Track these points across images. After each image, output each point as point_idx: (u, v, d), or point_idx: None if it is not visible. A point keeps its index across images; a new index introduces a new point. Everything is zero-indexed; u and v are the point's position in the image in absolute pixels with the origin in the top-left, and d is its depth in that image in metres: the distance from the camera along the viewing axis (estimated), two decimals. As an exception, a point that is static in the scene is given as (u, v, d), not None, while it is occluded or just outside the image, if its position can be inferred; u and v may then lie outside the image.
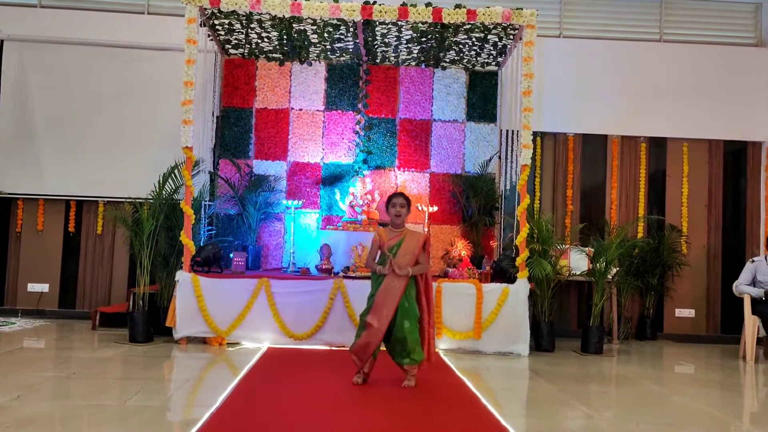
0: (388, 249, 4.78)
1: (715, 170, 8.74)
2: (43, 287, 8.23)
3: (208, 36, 7.41)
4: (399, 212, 4.86)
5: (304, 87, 8.32)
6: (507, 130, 7.99)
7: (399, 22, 6.88)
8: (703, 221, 8.69)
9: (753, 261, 7.27)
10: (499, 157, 8.23)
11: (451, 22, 6.60)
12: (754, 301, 6.97)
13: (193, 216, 6.53)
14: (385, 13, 6.53)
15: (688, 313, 8.60)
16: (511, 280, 6.64)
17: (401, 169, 8.30)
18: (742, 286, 7.14)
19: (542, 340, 6.85)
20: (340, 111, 8.30)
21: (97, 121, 8.18)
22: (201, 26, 6.92)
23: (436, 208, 7.84)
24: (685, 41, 8.81)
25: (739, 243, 8.70)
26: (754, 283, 7.13)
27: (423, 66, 8.36)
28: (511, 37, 7.26)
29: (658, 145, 8.75)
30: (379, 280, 4.80)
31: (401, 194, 4.98)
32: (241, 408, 4.08)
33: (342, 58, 8.23)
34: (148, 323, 6.43)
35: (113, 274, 8.31)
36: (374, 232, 4.95)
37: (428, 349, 4.81)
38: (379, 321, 4.64)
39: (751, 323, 6.91)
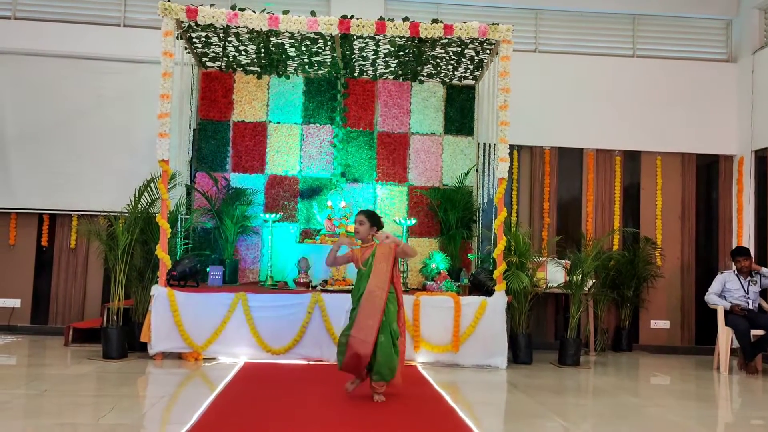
0: (363, 262, 4.87)
1: (688, 183, 8.88)
2: (15, 302, 8.07)
3: (185, 49, 7.37)
4: (356, 228, 5.03)
5: (282, 100, 8.30)
6: (484, 144, 8.05)
7: (377, 37, 6.91)
8: (677, 234, 8.81)
9: (722, 272, 7.49)
10: (477, 171, 8.28)
11: (429, 36, 6.65)
12: (727, 313, 7.08)
13: (169, 230, 6.47)
14: (363, 27, 6.56)
15: (663, 324, 8.69)
16: (489, 292, 6.66)
17: (379, 182, 8.31)
18: (712, 296, 7.27)
19: (520, 352, 6.87)
20: (317, 124, 8.30)
21: (71, 134, 8.08)
22: (178, 39, 6.89)
23: (414, 221, 7.85)
24: (657, 57, 8.96)
25: (712, 255, 8.83)
26: (723, 293, 7.27)
27: (401, 80, 8.40)
28: (488, 51, 7.33)
29: (632, 159, 8.87)
30: (357, 293, 4.80)
31: (362, 211, 5.12)
32: (218, 425, 4.03)
33: (320, 72, 8.24)
34: (123, 339, 6.34)
35: (87, 289, 8.17)
36: (352, 247, 5.01)
37: (400, 368, 4.79)
38: (364, 332, 4.59)
39: (724, 335, 7.01)
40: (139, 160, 7.67)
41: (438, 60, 7.72)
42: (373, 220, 5.02)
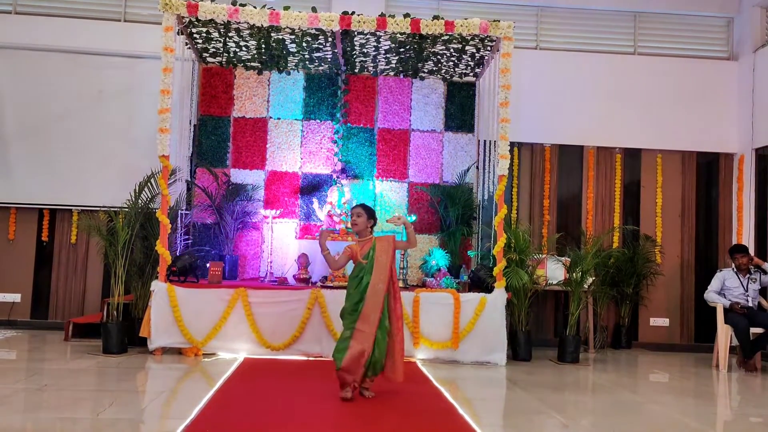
0: (363, 256, 4.79)
1: (689, 181, 8.88)
2: (15, 297, 8.08)
3: (186, 44, 7.37)
4: (354, 221, 4.92)
5: (283, 96, 8.30)
6: (484, 141, 8.04)
7: (377, 33, 6.90)
8: (677, 231, 8.81)
9: (721, 270, 7.50)
10: (477, 167, 8.28)
11: (430, 33, 6.64)
12: (727, 311, 7.09)
13: (170, 225, 6.46)
14: (364, 23, 6.55)
15: (662, 322, 8.70)
16: (489, 289, 6.66)
17: (380, 178, 8.31)
18: (711, 294, 7.29)
19: (519, 349, 6.88)
20: (318, 120, 8.30)
21: (72, 129, 8.07)
22: (178, 34, 6.88)
23: (414, 218, 7.85)
24: (658, 54, 8.95)
25: (711, 253, 8.83)
26: (723, 291, 7.28)
27: (401, 76, 8.39)
28: (489, 48, 7.32)
29: (632, 156, 8.87)
30: (359, 287, 4.72)
31: (359, 204, 5.03)
32: (217, 420, 4.04)
33: (320, 68, 8.23)
34: (122, 334, 6.34)
35: (87, 284, 8.18)
36: (348, 245, 4.92)
37: (401, 366, 4.73)
38: (369, 326, 4.58)
39: (723, 332, 7.02)
40: (140, 156, 7.66)
41: (439, 56, 7.71)
42: (370, 213, 4.97)
